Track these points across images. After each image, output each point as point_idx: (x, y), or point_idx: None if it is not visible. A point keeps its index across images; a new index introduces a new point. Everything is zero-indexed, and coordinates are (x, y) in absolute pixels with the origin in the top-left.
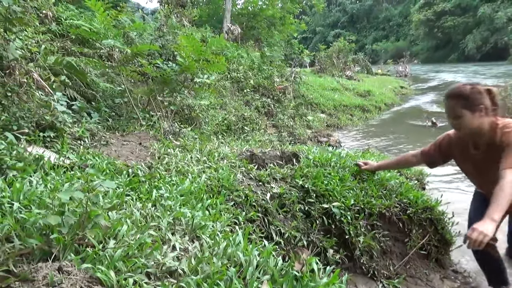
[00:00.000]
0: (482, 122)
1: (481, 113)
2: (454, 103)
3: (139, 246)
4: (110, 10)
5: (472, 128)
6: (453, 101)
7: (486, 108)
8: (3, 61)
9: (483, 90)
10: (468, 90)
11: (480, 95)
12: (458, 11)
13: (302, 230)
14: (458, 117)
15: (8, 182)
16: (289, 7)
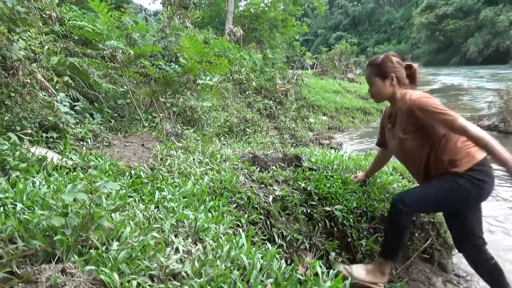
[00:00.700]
0: (393, 91)
1: (392, 81)
2: (368, 71)
3: (142, 248)
4: (113, 11)
5: (381, 95)
6: (368, 69)
7: (398, 78)
8: (6, 61)
9: (395, 60)
10: (380, 59)
11: (392, 64)
12: (460, 15)
13: (304, 233)
14: (371, 85)
15: (11, 183)
16: (291, 9)
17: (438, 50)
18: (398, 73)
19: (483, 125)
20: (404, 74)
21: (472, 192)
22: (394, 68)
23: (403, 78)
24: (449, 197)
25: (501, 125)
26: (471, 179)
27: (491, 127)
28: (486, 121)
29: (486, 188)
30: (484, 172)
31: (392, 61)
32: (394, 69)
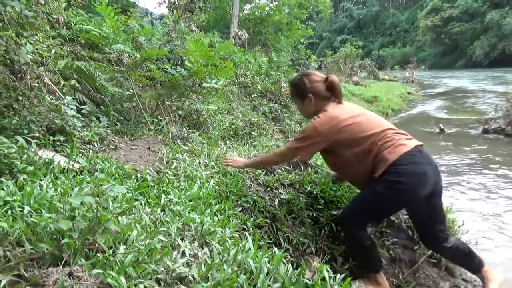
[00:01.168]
0: (315, 108)
1: (310, 100)
2: (291, 91)
3: (149, 251)
4: (119, 15)
5: (307, 113)
6: (290, 89)
7: (316, 95)
8: (14, 65)
9: (311, 79)
10: (296, 80)
11: (305, 84)
12: (465, 17)
13: (310, 236)
14: (296, 103)
15: (19, 186)
16: (296, 13)
17: (444, 53)
18: (315, 89)
19: (490, 128)
20: (323, 88)
21: (389, 195)
22: (310, 87)
23: (322, 93)
24: (375, 205)
25: (508, 128)
26: (385, 182)
27: (497, 130)
28: (493, 124)
29: (404, 187)
30: (398, 172)
31: (305, 81)
32: (310, 88)
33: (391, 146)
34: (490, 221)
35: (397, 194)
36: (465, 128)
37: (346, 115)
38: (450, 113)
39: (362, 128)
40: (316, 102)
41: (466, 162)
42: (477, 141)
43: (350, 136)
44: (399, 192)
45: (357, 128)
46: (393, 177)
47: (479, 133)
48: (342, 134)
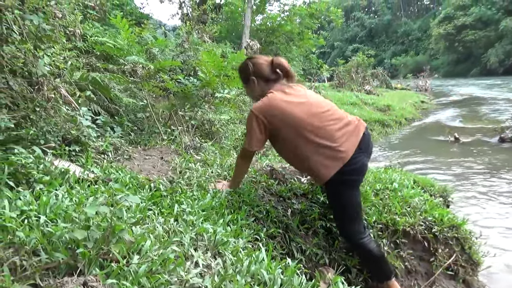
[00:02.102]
0: (261, 90)
1: (254, 83)
2: (239, 77)
3: (162, 261)
4: (133, 27)
5: (253, 96)
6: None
7: (261, 77)
8: (32, 77)
9: (254, 62)
10: (241, 64)
11: (249, 67)
12: (479, 25)
13: (323, 247)
14: (243, 88)
15: (36, 195)
16: (307, 23)
17: (457, 61)
18: (259, 72)
19: (506, 137)
20: (268, 70)
21: (349, 188)
22: (253, 70)
23: (267, 75)
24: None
25: None
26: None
27: None
28: (510, 133)
29: (357, 178)
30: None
31: (249, 64)
32: (254, 71)
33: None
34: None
35: (354, 184)
36: (480, 137)
37: (287, 97)
38: (465, 122)
39: (299, 116)
40: (261, 84)
41: (482, 171)
42: (493, 150)
43: (287, 123)
44: (354, 181)
45: (293, 115)
46: (347, 176)
47: (496, 142)
48: (279, 118)
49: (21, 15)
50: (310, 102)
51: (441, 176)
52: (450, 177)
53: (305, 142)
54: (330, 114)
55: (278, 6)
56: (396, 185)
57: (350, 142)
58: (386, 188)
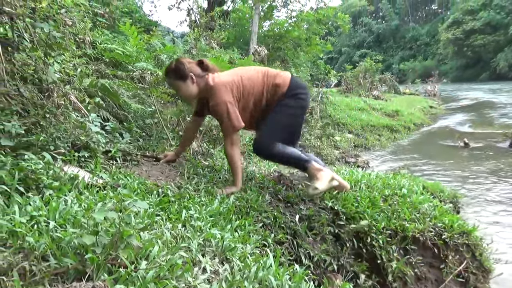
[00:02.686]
0: (198, 88)
1: (192, 79)
2: (169, 79)
3: (170, 267)
4: (142, 34)
5: (190, 94)
6: (168, 77)
7: (195, 75)
8: (42, 84)
9: (186, 61)
10: (174, 65)
11: (184, 65)
12: (488, 29)
13: (332, 253)
14: (178, 90)
15: (45, 201)
16: (314, 29)
17: (466, 66)
18: (194, 70)
19: None
20: (199, 69)
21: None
22: (189, 68)
23: (199, 73)
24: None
25: None
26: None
27: None
28: None
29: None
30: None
31: (184, 63)
32: (189, 68)
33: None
34: None
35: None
36: (490, 142)
37: (225, 77)
38: (474, 127)
39: (250, 73)
40: (197, 80)
41: (492, 177)
42: (503, 155)
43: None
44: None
45: (247, 74)
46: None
47: (506, 147)
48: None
49: (32, 23)
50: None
51: (451, 182)
52: (460, 182)
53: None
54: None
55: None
56: (405, 190)
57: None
58: (395, 194)
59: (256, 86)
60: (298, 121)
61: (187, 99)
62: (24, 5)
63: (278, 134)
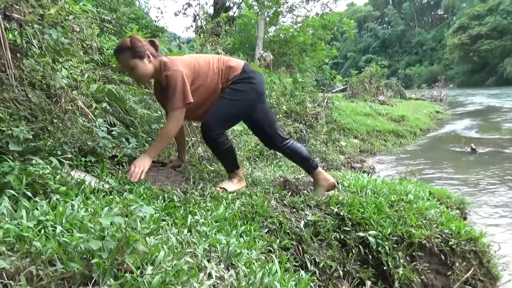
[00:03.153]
0: (153, 67)
1: (149, 58)
2: (122, 58)
3: (175, 273)
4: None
5: (147, 74)
6: (121, 55)
7: (152, 54)
8: (50, 89)
9: (140, 39)
10: (129, 42)
11: (141, 43)
12: (494, 35)
13: (337, 259)
14: (132, 69)
15: (52, 206)
16: (320, 34)
17: (473, 71)
18: (149, 48)
19: None
20: (152, 48)
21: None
22: (145, 46)
23: (154, 53)
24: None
25: None
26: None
27: None
28: None
29: (256, 81)
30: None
31: (141, 40)
32: (146, 47)
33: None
34: None
35: (253, 86)
36: (498, 147)
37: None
38: (481, 132)
39: (205, 56)
40: (152, 60)
41: (500, 183)
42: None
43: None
44: (254, 84)
45: (202, 57)
46: (246, 75)
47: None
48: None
49: (40, 30)
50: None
51: (458, 188)
52: (467, 188)
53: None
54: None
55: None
56: (411, 196)
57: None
58: (401, 200)
59: (211, 69)
60: (255, 107)
61: (142, 80)
62: (33, 12)
63: (225, 118)
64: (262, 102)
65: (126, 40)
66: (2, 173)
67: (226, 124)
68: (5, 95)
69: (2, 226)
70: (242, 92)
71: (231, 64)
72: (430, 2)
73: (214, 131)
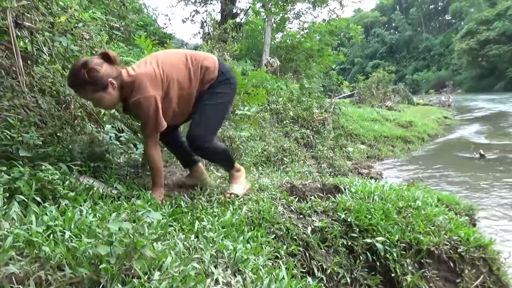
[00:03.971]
0: (117, 90)
1: (112, 85)
2: (83, 92)
3: (183, 278)
4: (157, 46)
5: (114, 102)
6: (80, 90)
7: (113, 78)
8: (60, 96)
9: (98, 64)
10: (85, 75)
11: (99, 72)
12: (503, 39)
13: (345, 266)
14: (98, 101)
15: (61, 211)
16: (327, 40)
17: (481, 76)
18: (109, 72)
19: None
20: (110, 68)
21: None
22: (105, 74)
23: (114, 74)
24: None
25: None
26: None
27: None
28: None
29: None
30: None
31: (97, 69)
32: (106, 74)
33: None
34: None
35: (232, 86)
36: (507, 153)
37: (144, 67)
38: (490, 138)
39: (171, 58)
40: (115, 84)
41: (510, 188)
42: None
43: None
44: (233, 84)
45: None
46: (224, 76)
47: None
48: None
49: (51, 37)
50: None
51: (467, 194)
52: (476, 194)
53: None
54: None
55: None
56: (419, 203)
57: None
58: (409, 206)
59: (180, 72)
60: (228, 109)
61: (109, 108)
62: (43, 20)
63: (214, 126)
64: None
65: (80, 72)
66: (12, 179)
67: (216, 130)
68: (16, 102)
69: (12, 231)
70: (224, 94)
71: (207, 65)
72: (437, 7)
73: (207, 142)
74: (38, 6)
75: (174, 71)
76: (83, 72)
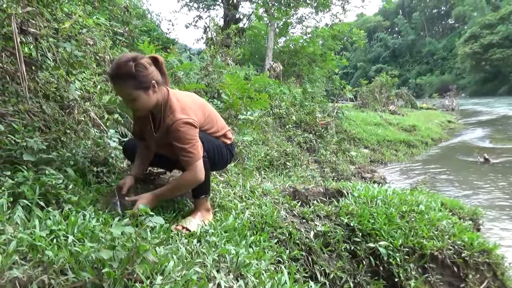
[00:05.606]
0: (157, 98)
1: (154, 88)
2: (123, 86)
3: (185, 283)
4: (160, 51)
5: (148, 107)
6: (121, 83)
7: (157, 81)
8: (64, 101)
9: (147, 62)
10: (132, 68)
11: (147, 70)
12: (506, 43)
13: (348, 271)
14: (134, 100)
15: (64, 215)
16: (330, 44)
17: (485, 80)
18: (155, 75)
19: None
20: (157, 72)
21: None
22: (151, 74)
23: (160, 80)
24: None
25: None
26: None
27: None
28: None
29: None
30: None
31: (145, 66)
32: (151, 75)
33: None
34: None
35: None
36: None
37: (191, 102)
38: (494, 142)
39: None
40: (157, 90)
41: None
42: None
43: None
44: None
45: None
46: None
47: None
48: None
49: (55, 43)
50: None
51: (471, 198)
52: (480, 199)
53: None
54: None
55: (301, 29)
56: (423, 207)
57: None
58: (412, 211)
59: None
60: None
61: (140, 112)
62: (48, 26)
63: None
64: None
65: (129, 65)
66: (16, 183)
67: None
68: (20, 107)
69: (16, 235)
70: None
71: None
72: (440, 11)
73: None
74: (43, 12)
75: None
76: (131, 64)
